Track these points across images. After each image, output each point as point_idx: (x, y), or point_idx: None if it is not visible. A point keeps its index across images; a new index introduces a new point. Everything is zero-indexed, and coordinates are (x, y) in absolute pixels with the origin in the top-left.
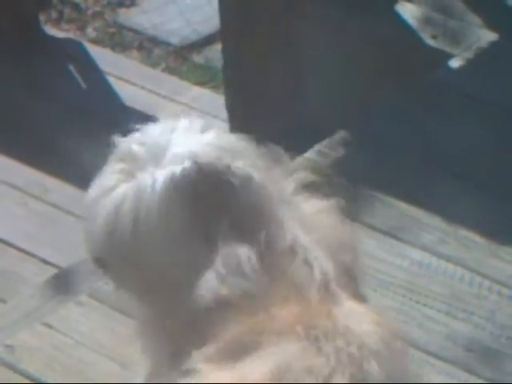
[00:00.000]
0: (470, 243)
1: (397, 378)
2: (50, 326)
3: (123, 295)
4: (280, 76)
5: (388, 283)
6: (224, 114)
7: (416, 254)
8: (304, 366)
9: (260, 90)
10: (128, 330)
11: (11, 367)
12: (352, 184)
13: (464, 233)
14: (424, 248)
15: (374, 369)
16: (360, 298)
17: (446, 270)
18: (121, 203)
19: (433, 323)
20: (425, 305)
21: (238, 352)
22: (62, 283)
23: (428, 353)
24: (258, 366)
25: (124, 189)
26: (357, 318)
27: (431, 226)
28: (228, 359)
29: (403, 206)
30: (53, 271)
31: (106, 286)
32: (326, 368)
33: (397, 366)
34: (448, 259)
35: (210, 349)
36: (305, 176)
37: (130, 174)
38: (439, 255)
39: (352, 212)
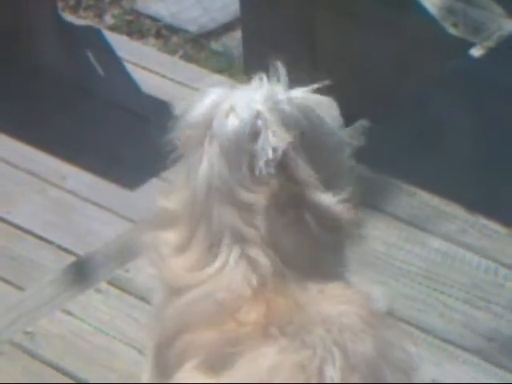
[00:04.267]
0: (491, 232)
1: (385, 353)
2: (69, 313)
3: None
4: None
5: (408, 271)
6: None
7: (437, 243)
8: (294, 362)
9: None
10: (147, 316)
11: (31, 354)
12: (373, 173)
13: (485, 222)
14: (445, 237)
15: (361, 348)
16: (335, 275)
17: (466, 258)
18: None
19: (452, 312)
20: (444, 293)
21: (221, 364)
22: (82, 270)
23: (447, 341)
24: (250, 370)
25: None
26: (330, 301)
27: (452, 215)
28: (214, 371)
29: (424, 195)
30: (70, 258)
31: (125, 273)
32: (315, 359)
33: (382, 340)
34: (468, 248)
35: (193, 362)
36: None
37: None
38: (460, 244)
39: (373, 201)
